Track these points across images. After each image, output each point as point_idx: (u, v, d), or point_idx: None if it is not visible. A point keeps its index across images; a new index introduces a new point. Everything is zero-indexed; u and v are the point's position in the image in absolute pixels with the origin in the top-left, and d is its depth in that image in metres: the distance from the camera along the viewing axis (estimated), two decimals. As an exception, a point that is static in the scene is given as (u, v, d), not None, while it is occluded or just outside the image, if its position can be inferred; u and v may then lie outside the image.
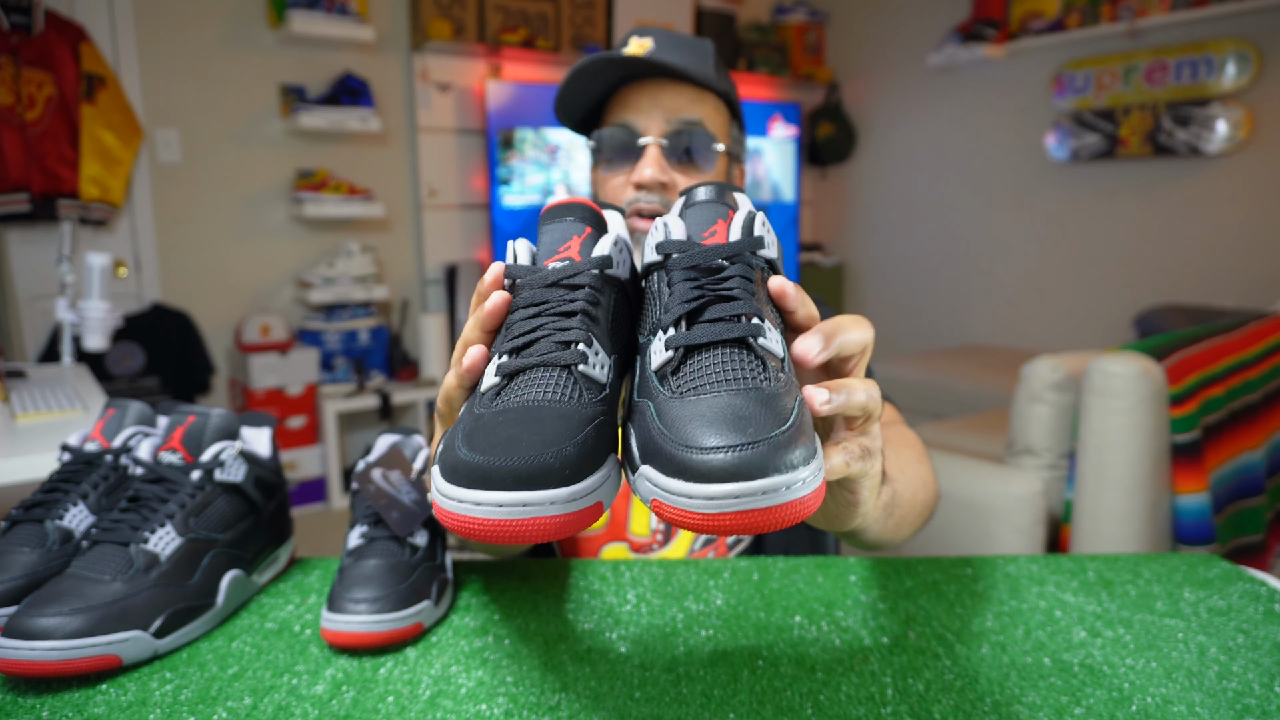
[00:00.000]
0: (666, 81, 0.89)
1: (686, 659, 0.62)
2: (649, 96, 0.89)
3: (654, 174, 0.88)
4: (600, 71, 0.88)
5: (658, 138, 0.88)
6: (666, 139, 0.88)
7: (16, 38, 2.61)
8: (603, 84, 0.90)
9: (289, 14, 2.95)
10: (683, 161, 0.89)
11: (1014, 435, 1.73)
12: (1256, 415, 1.78)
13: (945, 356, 3.51)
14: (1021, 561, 0.81)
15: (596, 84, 0.90)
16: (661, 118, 0.88)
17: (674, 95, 0.88)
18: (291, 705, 0.55)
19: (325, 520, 3.08)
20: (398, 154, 3.43)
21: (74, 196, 2.75)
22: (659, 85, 0.89)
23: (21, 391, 1.52)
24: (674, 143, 0.88)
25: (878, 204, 4.41)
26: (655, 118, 0.88)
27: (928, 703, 0.56)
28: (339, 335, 3.24)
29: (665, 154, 0.89)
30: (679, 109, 0.88)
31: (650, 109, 0.88)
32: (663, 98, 0.88)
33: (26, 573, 0.64)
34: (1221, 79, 3.04)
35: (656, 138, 0.88)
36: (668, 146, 0.88)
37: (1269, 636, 0.65)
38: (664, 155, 0.89)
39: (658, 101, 0.88)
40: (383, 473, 0.71)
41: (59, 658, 0.56)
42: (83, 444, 0.74)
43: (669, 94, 0.88)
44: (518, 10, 3.50)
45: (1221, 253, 3.16)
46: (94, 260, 1.72)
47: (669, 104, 0.88)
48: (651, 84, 0.89)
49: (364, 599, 0.62)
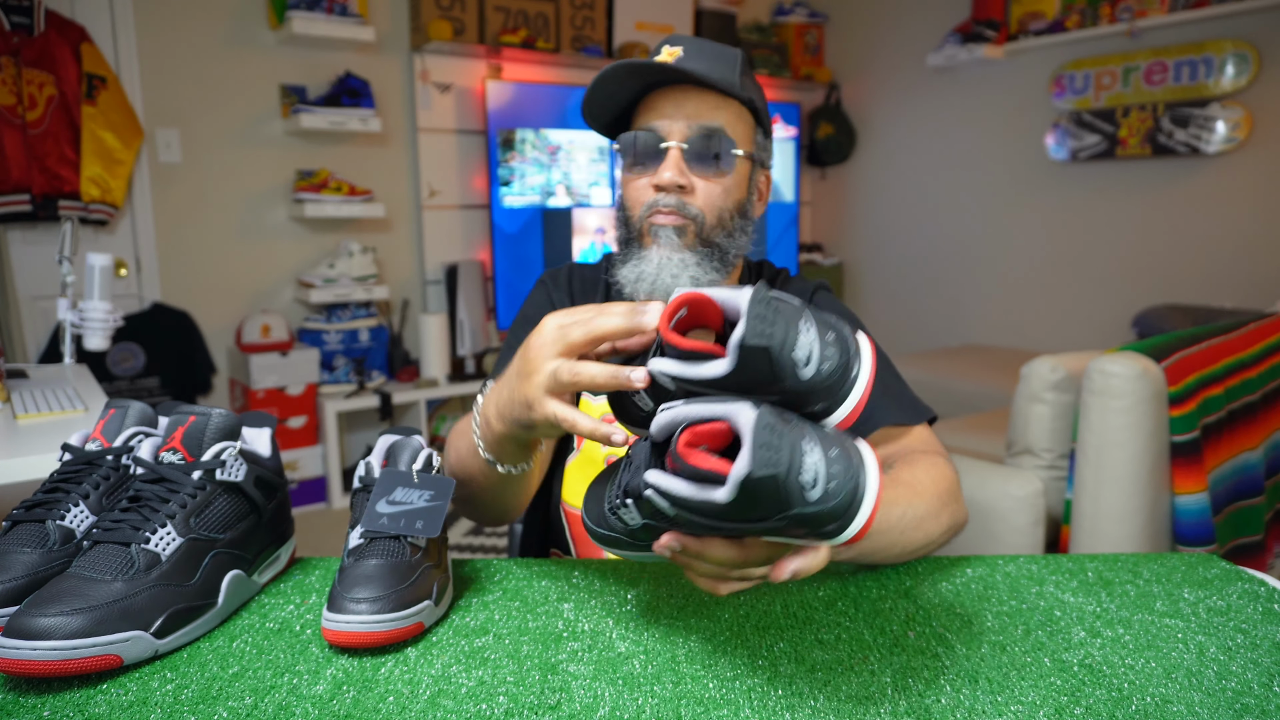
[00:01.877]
0: (691, 88, 0.91)
1: (687, 659, 0.62)
2: (673, 103, 0.92)
3: (673, 176, 0.91)
4: (625, 78, 0.91)
5: (679, 142, 0.91)
6: (687, 143, 0.91)
7: (17, 38, 2.61)
8: (629, 90, 0.93)
9: (289, 14, 2.95)
10: (703, 165, 0.92)
11: (1014, 435, 1.73)
12: (1255, 415, 1.78)
13: (945, 356, 3.51)
14: (1021, 561, 0.81)
15: (623, 90, 0.93)
16: (684, 122, 0.91)
17: (697, 102, 0.91)
18: (292, 705, 0.56)
19: (325, 520, 3.08)
20: (398, 154, 3.43)
21: (75, 197, 2.75)
22: (684, 92, 0.92)
23: (22, 391, 1.52)
24: (694, 147, 0.91)
25: (877, 204, 4.41)
26: (678, 122, 0.91)
27: (927, 702, 0.56)
28: (339, 335, 3.24)
29: (685, 157, 0.91)
30: (700, 115, 0.91)
31: (674, 114, 0.91)
32: (686, 104, 0.91)
33: (27, 572, 0.64)
34: (1221, 79, 3.05)
35: (678, 142, 0.91)
36: (688, 150, 0.91)
37: (1268, 636, 0.65)
38: (684, 159, 0.91)
39: (681, 107, 0.91)
40: (385, 501, 0.70)
41: (60, 657, 0.56)
42: (84, 444, 0.74)
43: (693, 100, 0.91)
44: (518, 11, 3.50)
45: (1220, 253, 3.16)
46: (95, 260, 1.72)
47: (691, 109, 0.91)
48: (677, 90, 0.92)
49: (364, 599, 0.62)
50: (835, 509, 0.47)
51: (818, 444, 0.47)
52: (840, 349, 0.50)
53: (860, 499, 0.48)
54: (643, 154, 0.93)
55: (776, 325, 0.48)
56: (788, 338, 0.48)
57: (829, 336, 0.50)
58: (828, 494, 0.47)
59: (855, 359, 0.51)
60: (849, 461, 0.48)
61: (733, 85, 0.90)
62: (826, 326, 0.50)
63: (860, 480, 0.48)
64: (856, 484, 0.48)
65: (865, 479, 0.48)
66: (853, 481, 0.47)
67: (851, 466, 0.48)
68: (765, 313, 0.48)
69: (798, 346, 0.49)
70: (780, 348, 0.48)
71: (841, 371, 0.50)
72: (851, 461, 0.48)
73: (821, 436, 0.48)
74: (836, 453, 0.48)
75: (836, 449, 0.48)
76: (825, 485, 0.47)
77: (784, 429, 0.47)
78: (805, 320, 0.50)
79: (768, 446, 0.45)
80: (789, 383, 0.49)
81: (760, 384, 0.50)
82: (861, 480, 0.48)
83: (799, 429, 0.48)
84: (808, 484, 0.46)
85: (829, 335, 0.50)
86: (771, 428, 0.46)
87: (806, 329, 0.49)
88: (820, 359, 0.49)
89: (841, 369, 0.50)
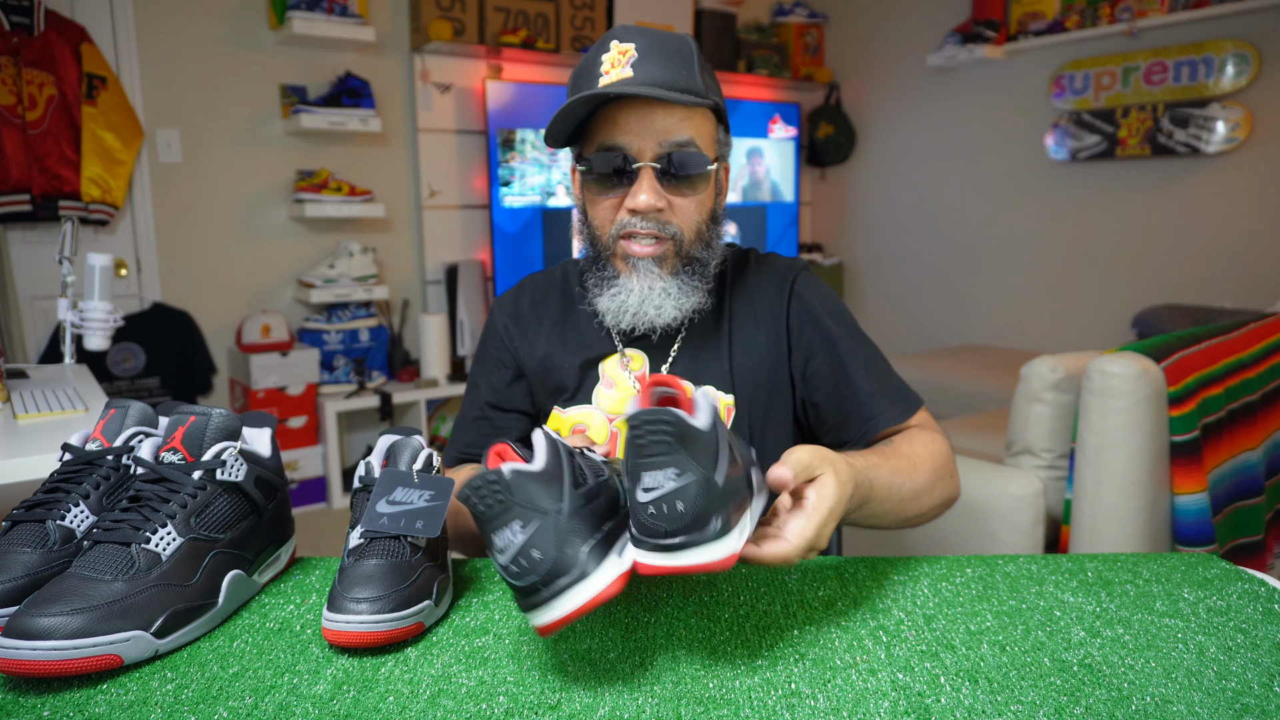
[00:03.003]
0: (656, 102, 0.86)
1: (687, 659, 0.62)
2: (639, 118, 0.86)
3: (649, 200, 0.87)
4: (584, 106, 0.86)
5: (650, 161, 0.87)
6: (659, 161, 0.87)
7: (18, 38, 2.61)
8: (589, 107, 0.88)
9: (289, 14, 2.95)
10: (678, 182, 0.89)
11: (1013, 435, 1.73)
12: (1255, 415, 1.78)
13: (945, 356, 3.51)
14: (1021, 561, 0.81)
15: (585, 108, 0.88)
16: (654, 140, 0.87)
17: (665, 116, 0.86)
18: (292, 705, 0.56)
19: (325, 520, 3.08)
20: (398, 154, 3.43)
21: (75, 197, 2.75)
22: (649, 106, 0.86)
23: (23, 391, 1.52)
24: (667, 166, 0.87)
25: (877, 204, 4.41)
26: (647, 140, 0.87)
27: (927, 701, 0.56)
28: (339, 335, 3.24)
29: (658, 176, 0.88)
30: (670, 130, 0.86)
31: (641, 131, 0.86)
32: (653, 119, 0.86)
33: (28, 572, 0.64)
34: (1220, 79, 3.04)
35: (649, 161, 0.87)
36: (660, 169, 0.87)
37: (1268, 636, 0.65)
38: (657, 178, 0.87)
39: (649, 124, 0.86)
40: (385, 500, 0.70)
41: (60, 657, 0.56)
42: (84, 444, 0.74)
43: (660, 115, 0.86)
44: (518, 11, 3.50)
45: (1220, 253, 3.16)
46: (95, 260, 1.72)
47: (660, 125, 0.86)
48: (640, 103, 0.86)
49: (364, 599, 0.62)
50: (519, 585, 0.56)
51: (524, 531, 0.55)
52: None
53: (549, 596, 0.55)
54: (613, 174, 0.89)
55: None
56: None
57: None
58: (510, 567, 0.55)
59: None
60: (552, 566, 0.55)
61: (698, 92, 0.86)
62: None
63: (557, 588, 0.55)
64: (542, 588, 0.55)
65: (565, 592, 0.55)
66: (540, 583, 0.55)
67: (552, 574, 0.55)
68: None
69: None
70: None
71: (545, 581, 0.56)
72: (554, 571, 0.55)
73: (555, 531, 0.56)
74: (541, 550, 0.55)
75: (553, 552, 0.55)
76: (512, 559, 0.55)
77: (508, 494, 0.55)
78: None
79: (477, 490, 0.55)
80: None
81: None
82: (558, 588, 0.55)
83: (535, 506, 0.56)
84: (498, 546, 0.56)
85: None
86: (491, 482, 0.55)
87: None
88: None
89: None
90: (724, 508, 0.56)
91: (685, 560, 0.55)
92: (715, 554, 0.55)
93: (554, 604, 0.55)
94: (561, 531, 0.56)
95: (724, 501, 0.56)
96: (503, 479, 0.55)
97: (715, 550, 0.55)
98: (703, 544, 0.55)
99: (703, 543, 0.55)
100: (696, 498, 0.54)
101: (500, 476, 0.55)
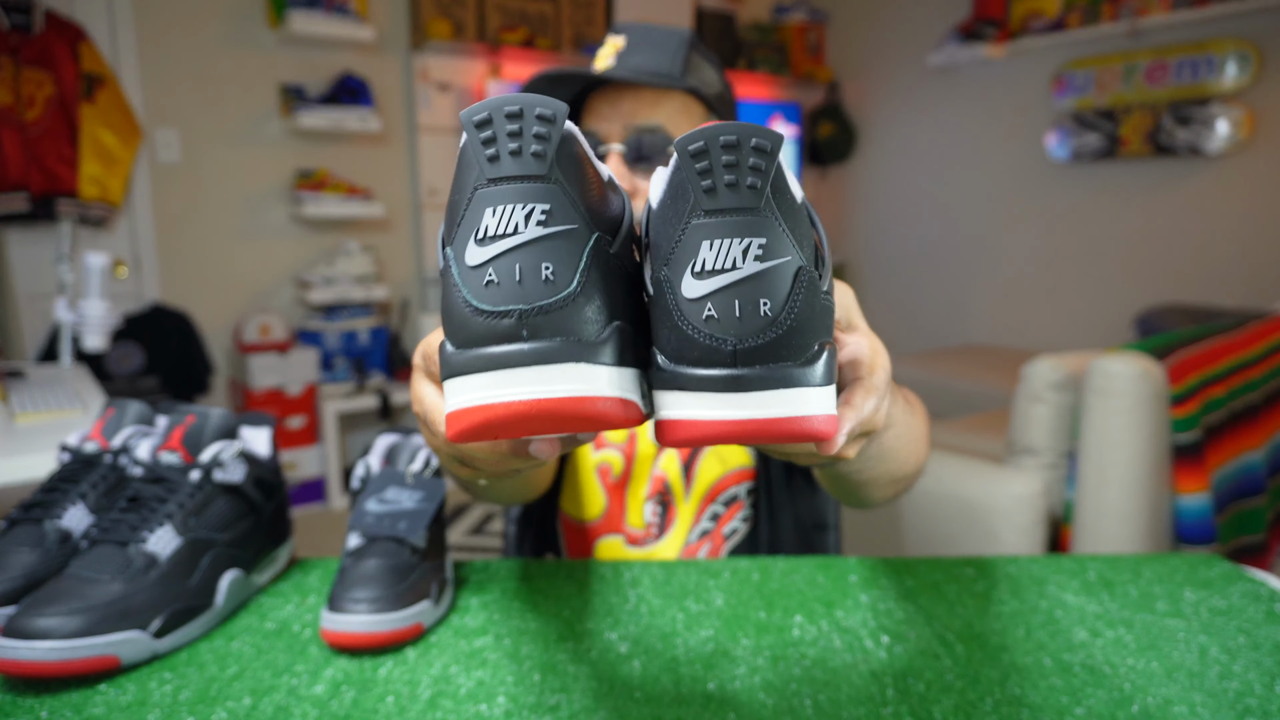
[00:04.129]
0: (626, 87, 0.89)
1: (686, 659, 0.62)
2: (609, 104, 0.89)
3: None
4: (548, 88, 0.88)
5: (616, 144, 0.88)
6: (625, 144, 0.88)
7: (16, 37, 2.61)
8: (568, 95, 0.91)
9: (289, 14, 2.95)
10: (646, 165, 0.89)
11: (1014, 435, 1.73)
12: (1257, 415, 1.78)
13: (945, 356, 3.51)
14: (1022, 562, 0.81)
15: (561, 94, 0.90)
16: (620, 124, 0.89)
17: (633, 101, 0.89)
18: (291, 705, 0.55)
19: (325, 520, 3.07)
20: (397, 154, 3.43)
21: (73, 196, 2.75)
22: (619, 91, 0.89)
23: (21, 391, 1.52)
24: (633, 148, 0.88)
25: (878, 204, 4.40)
26: (615, 124, 0.89)
27: (928, 703, 0.56)
28: (339, 335, 3.24)
29: (626, 159, 0.89)
30: (637, 114, 0.89)
31: (610, 115, 0.89)
32: (622, 104, 0.89)
33: (25, 573, 0.64)
34: (1222, 79, 3.04)
35: (615, 144, 0.88)
36: (627, 152, 0.89)
37: (1270, 637, 0.65)
38: (625, 161, 0.89)
39: (617, 108, 0.89)
40: (375, 499, 0.70)
41: (58, 658, 0.55)
42: (82, 444, 0.74)
43: (628, 100, 0.89)
44: (517, 10, 3.50)
45: (1222, 252, 3.16)
46: (93, 260, 1.71)
47: (628, 109, 0.89)
48: (613, 90, 0.90)
49: (364, 599, 0.62)
50: (483, 307, 0.33)
51: (539, 225, 0.33)
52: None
53: (509, 358, 0.33)
54: None
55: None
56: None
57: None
58: (486, 272, 0.34)
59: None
60: (553, 305, 0.32)
61: (670, 78, 0.87)
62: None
63: (534, 351, 0.33)
64: (514, 335, 0.33)
65: (541, 367, 0.33)
66: (516, 324, 0.33)
67: (543, 321, 0.32)
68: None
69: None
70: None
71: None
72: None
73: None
74: (553, 265, 0.32)
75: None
76: (497, 257, 0.33)
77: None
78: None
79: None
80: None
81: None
82: (535, 352, 0.33)
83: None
84: (481, 227, 0.33)
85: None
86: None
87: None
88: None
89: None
90: (828, 331, 0.34)
91: (768, 409, 0.32)
92: (817, 403, 0.32)
93: (504, 377, 0.32)
94: (595, 266, 0.33)
95: (827, 320, 0.34)
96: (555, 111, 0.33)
97: (817, 398, 0.32)
98: (798, 384, 0.32)
99: (798, 383, 0.32)
100: (797, 295, 0.32)
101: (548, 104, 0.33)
